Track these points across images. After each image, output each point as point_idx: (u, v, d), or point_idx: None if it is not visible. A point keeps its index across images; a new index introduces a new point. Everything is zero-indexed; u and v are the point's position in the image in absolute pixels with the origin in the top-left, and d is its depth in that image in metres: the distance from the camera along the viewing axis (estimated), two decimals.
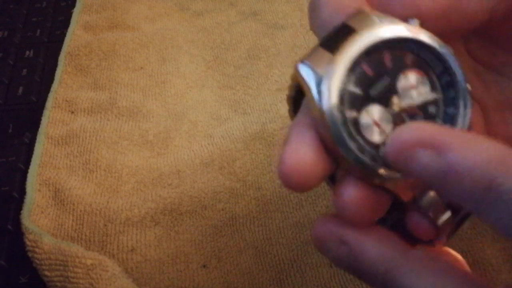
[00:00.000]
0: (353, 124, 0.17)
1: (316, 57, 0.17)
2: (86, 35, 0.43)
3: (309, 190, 0.18)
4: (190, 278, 0.29)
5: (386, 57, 0.18)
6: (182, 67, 0.41)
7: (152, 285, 0.29)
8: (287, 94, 0.21)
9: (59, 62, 0.41)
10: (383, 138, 0.18)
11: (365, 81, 0.18)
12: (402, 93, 0.18)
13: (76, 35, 0.43)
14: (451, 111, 0.19)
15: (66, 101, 0.38)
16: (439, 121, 0.19)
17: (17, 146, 0.36)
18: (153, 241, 0.30)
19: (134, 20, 0.45)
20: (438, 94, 0.19)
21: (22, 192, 0.32)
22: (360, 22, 0.18)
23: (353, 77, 0.17)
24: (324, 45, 0.18)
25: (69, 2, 0.48)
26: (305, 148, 0.18)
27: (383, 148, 0.17)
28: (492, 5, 0.19)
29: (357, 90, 0.17)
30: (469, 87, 0.18)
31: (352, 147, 0.17)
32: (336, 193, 0.18)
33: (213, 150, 0.35)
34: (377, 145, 0.18)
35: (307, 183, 0.18)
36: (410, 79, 0.18)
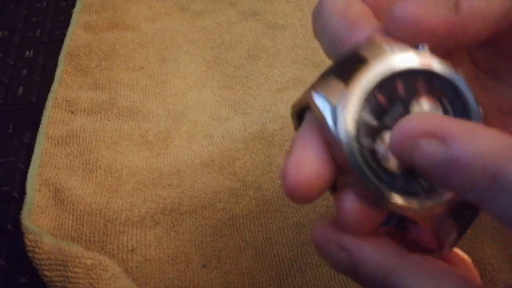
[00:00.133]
0: (370, 153, 0.18)
1: (330, 87, 0.18)
2: (86, 35, 0.43)
3: (312, 202, 0.18)
4: (190, 278, 0.29)
5: (399, 86, 0.18)
6: (182, 67, 0.41)
7: (152, 285, 0.29)
8: (292, 112, 0.21)
9: (59, 62, 0.41)
10: (398, 166, 0.18)
11: (379, 110, 0.18)
12: None
13: (76, 35, 0.43)
14: None
15: (66, 101, 0.38)
16: None
17: (17, 146, 0.36)
18: (153, 241, 0.30)
19: (134, 20, 0.45)
20: None
21: (22, 192, 0.32)
22: (372, 52, 0.18)
23: (368, 107, 0.18)
24: (337, 74, 0.18)
25: (69, 2, 0.48)
26: (308, 161, 0.18)
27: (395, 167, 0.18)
28: (497, 22, 0.19)
29: (372, 119, 0.18)
30: (482, 112, 0.19)
31: (370, 176, 0.17)
32: (338, 203, 0.18)
33: (213, 150, 0.35)
34: (394, 173, 0.18)
35: (310, 196, 0.18)
36: (424, 106, 0.18)
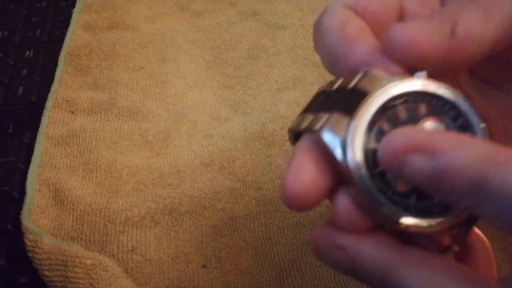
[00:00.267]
0: (380, 178, 0.18)
1: (336, 123, 0.19)
2: (86, 35, 0.43)
3: (310, 210, 0.19)
4: (190, 278, 0.29)
5: (401, 111, 0.19)
6: (182, 67, 0.41)
7: (152, 285, 0.29)
8: (289, 137, 0.22)
9: (59, 62, 0.41)
10: (409, 186, 0.18)
11: (384, 136, 0.19)
12: None
13: (76, 35, 0.43)
14: None
15: (66, 101, 0.38)
16: None
17: (17, 146, 0.36)
18: (153, 241, 0.30)
19: (134, 20, 0.45)
20: None
21: (22, 192, 0.32)
22: (370, 84, 0.19)
23: (373, 135, 0.18)
24: (340, 110, 0.19)
25: (69, 2, 0.48)
26: (306, 172, 0.19)
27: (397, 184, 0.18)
28: (492, 47, 0.20)
29: (378, 146, 0.18)
30: (483, 125, 0.19)
31: (382, 201, 0.18)
32: (333, 203, 0.19)
33: (213, 150, 0.35)
34: (406, 194, 0.18)
35: (307, 204, 0.19)
36: (427, 127, 0.19)
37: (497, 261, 0.28)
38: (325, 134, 0.19)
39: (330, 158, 0.19)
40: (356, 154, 0.18)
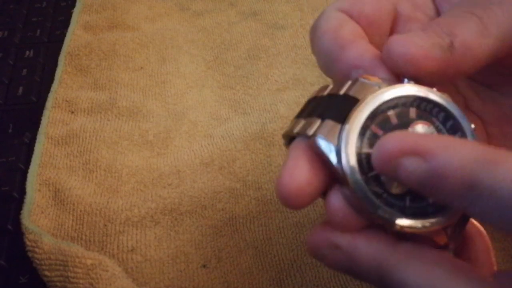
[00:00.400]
0: (375, 181, 0.19)
1: (329, 130, 0.19)
2: (86, 35, 0.43)
3: (304, 207, 0.20)
4: (190, 278, 0.29)
5: (392, 116, 0.19)
6: (182, 67, 0.41)
7: (152, 285, 0.29)
8: (284, 142, 0.22)
9: (59, 62, 0.41)
10: (403, 189, 0.19)
11: (376, 141, 0.19)
12: None
13: (76, 35, 0.43)
14: None
15: (66, 101, 0.38)
16: None
17: (17, 146, 0.36)
18: (153, 241, 0.30)
19: (134, 20, 0.45)
20: None
21: (22, 192, 0.32)
22: (361, 91, 0.19)
23: (366, 140, 0.19)
24: (333, 117, 0.19)
25: (69, 2, 0.48)
26: (300, 171, 0.19)
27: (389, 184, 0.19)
28: (488, 59, 0.20)
29: (371, 150, 0.19)
30: (473, 126, 0.20)
31: (378, 203, 0.18)
32: (326, 202, 0.20)
33: (213, 150, 0.35)
34: (401, 196, 0.19)
35: (302, 202, 0.19)
36: (419, 131, 0.19)
37: (497, 261, 0.28)
38: (319, 141, 0.19)
39: (324, 161, 0.19)
40: (350, 159, 0.19)
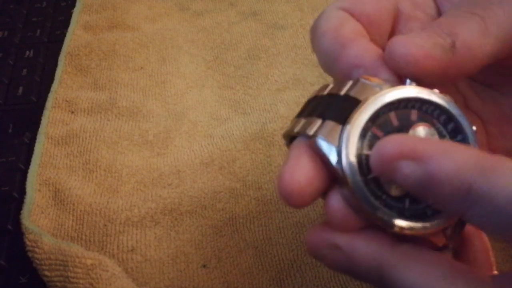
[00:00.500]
0: (374, 183, 0.19)
1: (329, 131, 0.19)
2: (86, 35, 0.43)
3: (306, 206, 0.20)
4: (190, 278, 0.29)
5: (393, 118, 0.19)
6: (182, 67, 0.41)
7: (152, 285, 0.29)
8: (285, 143, 0.22)
9: (59, 62, 0.41)
10: (402, 190, 0.19)
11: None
12: None
13: (76, 35, 0.43)
14: None
15: (66, 101, 0.38)
16: None
17: (17, 146, 0.36)
18: (153, 241, 0.30)
19: (134, 20, 0.45)
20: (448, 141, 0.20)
21: (22, 192, 0.32)
22: (362, 92, 0.19)
23: (366, 142, 0.19)
24: (333, 118, 0.19)
25: (69, 2, 0.48)
26: (301, 170, 0.19)
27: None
28: (490, 60, 0.20)
29: (371, 152, 0.19)
30: (474, 128, 0.20)
31: (377, 205, 0.19)
32: (326, 203, 0.20)
33: (213, 150, 0.35)
34: (400, 198, 0.19)
35: (303, 201, 0.19)
36: (420, 133, 0.19)
37: (497, 261, 0.28)
38: (320, 141, 0.19)
39: (324, 162, 0.19)
40: (351, 161, 0.19)
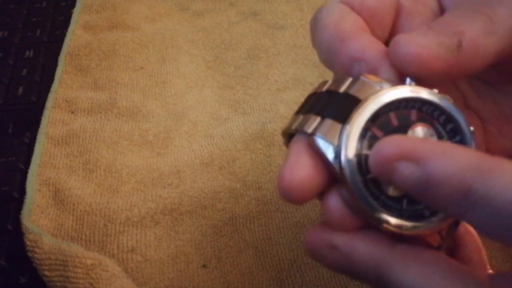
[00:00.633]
0: (373, 183, 0.19)
1: (328, 129, 0.19)
2: (86, 35, 0.43)
3: (304, 203, 0.20)
4: (190, 278, 0.29)
5: (392, 118, 0.19)
6: (182, 67, 0.41)
7: (152, 285, 0.29)
8: (284, 141, 0.22)
9: (59, 62, 0.41)
10: (400, 191, 0.19)
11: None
12: None
13: (76, 35, 0.43)
14: None
15: (66, 101, 0.38)
16: None
17: (17, 146, 0.36)
18: (153, 241, 0.30)
19: (134, 20, 0.45)
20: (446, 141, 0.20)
21: (22, 192, 0.32)
22: (362, 91, 0.19)
23: (366, 142, 0.19)
24: (333, 116, 0.19)
25: (69, 2, 0.48)
26: (302, 166, 0.19)
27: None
28: (495, 59, 0.20)
29: (370, 152, 0.19)
30: (472, 129, 0.20)
31: (375, 205, 0.19)
32: (323, 203, 0.20)
33: (213, 150, 0.35)
34: (398, 198, 0.19)
35: (303, 197, 0.19)
36: (418, 133, 0.19)
37: (497, 261, 0.28)
38: (319, 140, 0.19)
39: (323, 160, 0.19)
40: (350, 160, 0.19)
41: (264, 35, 0.43)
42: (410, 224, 0.19)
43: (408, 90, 0.19)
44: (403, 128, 0.19)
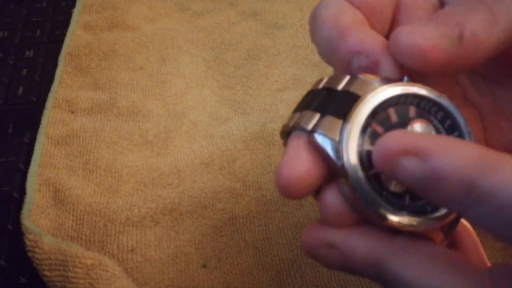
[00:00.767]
0: (375, 179, 0.19)
1: (329, 126, 0.19)
2: (86, 35, 0.43)
3: (302, 198, 0.20)
4: (190, 278, 0.29)
5: (392, 114, 0.19)
6: (182, 67, 0.41)
7: (152, 285, 0.29)
8: (283, 142, 0.22)
9: (59, 62, 0.41)
10: (403, 187, 0.19)
11: (377, 139, 0.19)
12: None
13: (76, 35, 0.43)
14: None
15: (66, 101, 0.38)
16: None
17: (17, 146, 0.36)
18: (153, 241, 0.30)
19: (134, 20, 0.45)
20: None
21: (22, 192, 0.32)
22: (362, 88, 0.19)
23: (366, 138, 0.19)
24: (333, 113, 0.19)
25: (69, 2, 0.48)
26: (300, 162, 0.19)
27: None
28: (496, 50, 0.20)
29: (372, 148, 0.19)
30: (470, 128, 0.20)
31: (378, 201, 0.19)
32: (320, 199, 0.20)
33: (213, 150, 0.35)
34: (401, 194, 0.19)
35: (300, 192, 0.19)
36: (417, 129, 0.20)
37: (498, 261, 0.28)
38: (319, 137, 0.19)
39: (323, 157, 0.19)
40: (351, 157, 0.19)
41: (264, 35, 0.43)
42: (413, 220, 0.19)
43: (406, 87, 0.19)
44: (402, 124, 0.19)
